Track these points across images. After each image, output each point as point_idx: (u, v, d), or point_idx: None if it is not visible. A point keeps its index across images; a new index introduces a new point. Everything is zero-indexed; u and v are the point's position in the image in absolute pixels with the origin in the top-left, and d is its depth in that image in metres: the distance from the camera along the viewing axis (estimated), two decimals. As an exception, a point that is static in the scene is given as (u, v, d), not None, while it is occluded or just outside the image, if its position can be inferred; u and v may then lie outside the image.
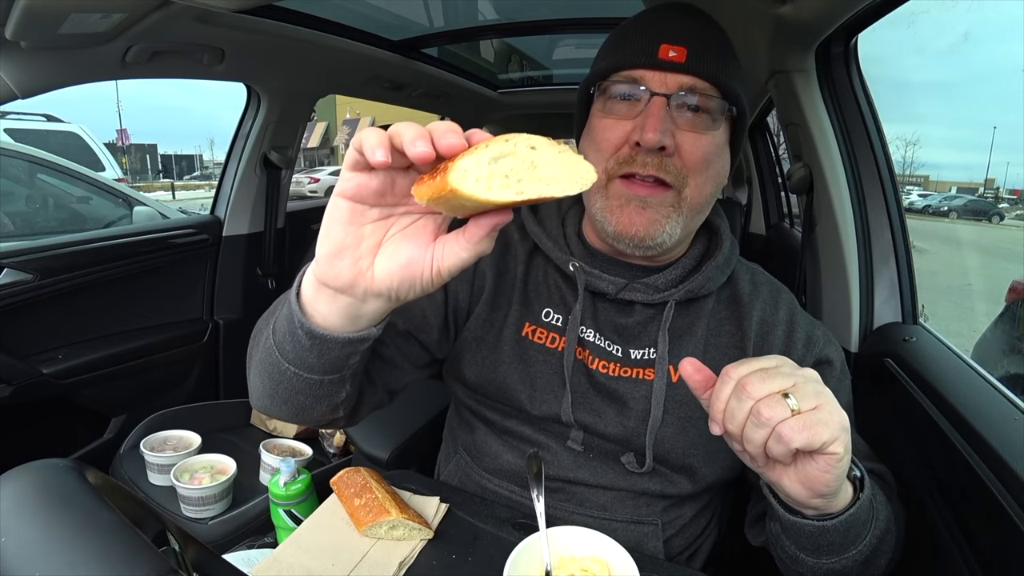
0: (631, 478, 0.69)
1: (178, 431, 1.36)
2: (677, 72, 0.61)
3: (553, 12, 1.77)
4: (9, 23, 0.98)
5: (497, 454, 0.74)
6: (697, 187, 0.63)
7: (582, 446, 0.70)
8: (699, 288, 0.68)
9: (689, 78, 0.61)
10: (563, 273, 0.72)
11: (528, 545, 0.57)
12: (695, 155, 0.62)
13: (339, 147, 28.75)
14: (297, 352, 0.51)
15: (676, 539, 0.72)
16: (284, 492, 0.77)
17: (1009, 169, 17.63)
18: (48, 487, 0.33)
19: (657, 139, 0.59)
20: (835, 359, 0.70)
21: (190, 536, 0.39)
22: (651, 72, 0.61)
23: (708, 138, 0.62)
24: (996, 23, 19.12)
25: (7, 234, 2.94)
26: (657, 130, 0.59)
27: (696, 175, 0.62)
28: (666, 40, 0.61)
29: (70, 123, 4.60)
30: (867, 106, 1.05)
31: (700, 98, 0.61)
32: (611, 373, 0.69)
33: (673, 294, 0.68)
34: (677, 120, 0.62)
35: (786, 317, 0.70)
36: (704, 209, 0.67)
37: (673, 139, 0.61)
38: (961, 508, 0.62)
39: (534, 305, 0.72)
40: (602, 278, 0.69)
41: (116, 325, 1.59)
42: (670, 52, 0.60)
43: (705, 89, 0.61)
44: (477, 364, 0.72)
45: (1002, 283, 1.88)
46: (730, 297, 0.72)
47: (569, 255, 0.71)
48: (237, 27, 1.30)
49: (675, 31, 0.61)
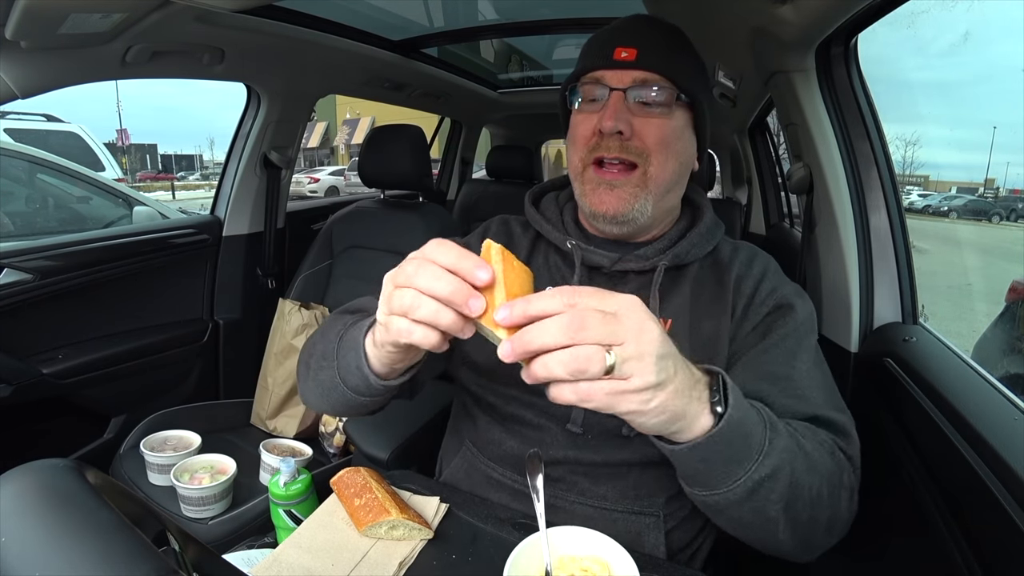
0: (632, 444, 0.70)
1: (178, 431, 1.36)
2: (629, 69, 0.70)
3: (553, 12, 1.77)
4: (9, 23, 0.98)
5: (500, 441, 0.76)
6: (660, 164, 0.71)
7: (581, 428, 0.72)
8: (684, 254, 0.75)
9: (640, 73, 0.70)
10: (562, 253, 0.79)
11: (528, 545, 0.57)
12: (652, 136, 0.70)
13: (339, 147, 28.74)
14: (371, 391, 0.62)
15: (677, 532, 0.73)
16: (284, 492, 0.77)
17: (1009, 169, 17.65)
18: (48, 487, 0.33)
19: (613, 125, 0.69)
20: (798, 307, 0.72)
21: (190, 536, 0.39)
22: (609, 72, 0.71)
23: (664, 121, 0.71)
24: (996, 23, 19.13)
25: (7, 234, 2.94)
26: (613, 118, 0.69)
27: (657, 154, 0.70)
28: (619, 44, 0.71)
29: (70, 123, 4.60)
30: (867, 106, 1.05)
31: (651, 89, 0.70)
32: None
33: (662, 259, 0.74)
34: (635, 110, 0.71)
35: (760, 270, 0.76)
36: (672, 186, 0.74)
37: (631, 125, 0.70)
38: (961, 508, 0.62)
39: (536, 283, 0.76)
40: (597, 253, 0.75)
41: (116, 325, 1.59)
42: (622, 53, 0.70)
43: (656, 81, 0.70)
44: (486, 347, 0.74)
45: (1002, 283, 1.88)
46: (712, 263, 0.78)
47: (567, 235, 0.78)
48: (237, 27, 1.30)
49: (628, 35, 0.72)
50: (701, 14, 1.12)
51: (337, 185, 16.98)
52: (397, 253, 1.62)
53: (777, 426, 0.56)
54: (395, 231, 1.65)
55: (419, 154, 1.61)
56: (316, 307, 1.58)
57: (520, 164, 2.84)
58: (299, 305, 1.54)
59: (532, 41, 2.21)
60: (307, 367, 0.72)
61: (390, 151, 1.62)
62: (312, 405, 0.74)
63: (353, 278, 1.67)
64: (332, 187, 16.63)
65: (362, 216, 1.71)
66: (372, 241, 1.67)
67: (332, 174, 18.00)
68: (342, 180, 17.35)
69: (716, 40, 1.19)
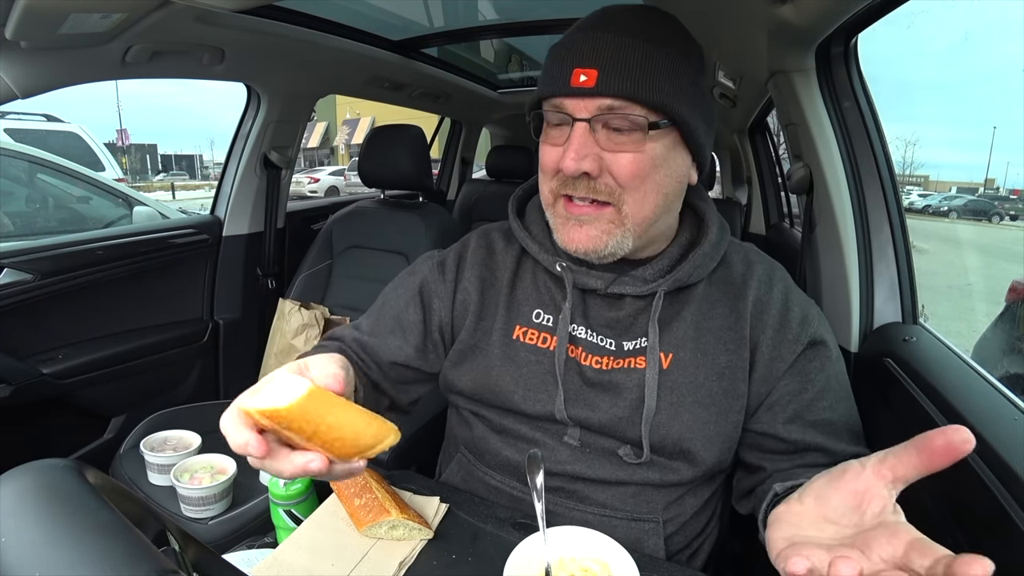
0: (629, 468, 0.69)
1: (178, 431, 1.36)
2: (591, 96, 0.60)
3: (553, 12, 1.77)
4: (9, 23, 0.98)
5: (497, 451, 0.74)
6: (636, 202, 0.63)
7: (579, 442, 0.70)
8: (686, 277, 0.68)
9: (604, 100, 0.60)
10: (551, 274, 0.73)
11: (528, 545, 0.57)
12: (625, 173, 0.61)
13: (339, 147, 28.74)
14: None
15: (676, 537, 0.72)
16: (284, 492, 0.76)
17: (1009, 169, 17.64)
18: (48, 487, 0.33)
19: (575, 167, 0.60)
20: (829, 341, 0.70)
21: (190, 536, 0.39)
22: (569, 100, 0.62)
23: (637, 155, 0.61)
24: (996, 23, 19.10)
25: (7, 234, 2.94)
26: (574, 159, 0.60)
27: (632, 191, 0.62)
28: (577, 64, 0.60)
29: (70, 123, 4.60)
30: (867, 106, 1.05)
31: (618, 118, 0.60)
32: (603, 368, 0.69)
33: (661, 284, 0.68)
34: (603, 142, 0.61)
35: (781, 295, 0.70)
36: (655, 220, 0.66)
37: (599, 162, 0.61)
38: (961, 508, 0.62)
39: (523, 308, 0.74)
40: (590, 275, 0.69)
41: (116, 325, 1.59)
42: (581, 77, 0.60)
43: (623, 107, 0.60)
44: (471, 372, 0.74)
45: (1002, 283, 1.88)
46: (723, 279, 0.72)
47: (556, 256, 0.72)
48: (237, 27, 1.30)
49: (586, 53, 0.60)
50: (700, 14, 1.12)
51: (337, 185, 16.97)
52: (397, 253, 1.62)
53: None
54: (395, 231, 1.65)
55: (419, 154, 1.62)
56: (316, 307, 1.58)
57: (520, 164, 2.84)
58: (299, 305, 1.54)
59: (532, 41, 2.20)
60: None
61: (390, 151, 1.62)
62: None
63: (353, 278, 1.67)
64: (332, 187, 16.63)
65: (362, 216, 1.71)
66: (372, 241, 1.67)
67: (332, 174, 17.98)
68: (342, 180, 17.35)
69: (716, 40, 1.19)
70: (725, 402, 0.67)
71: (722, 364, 0.68)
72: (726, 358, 0.68)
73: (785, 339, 0.68)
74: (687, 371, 0.68)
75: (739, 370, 0.68)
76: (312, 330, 1.51)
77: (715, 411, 0.67)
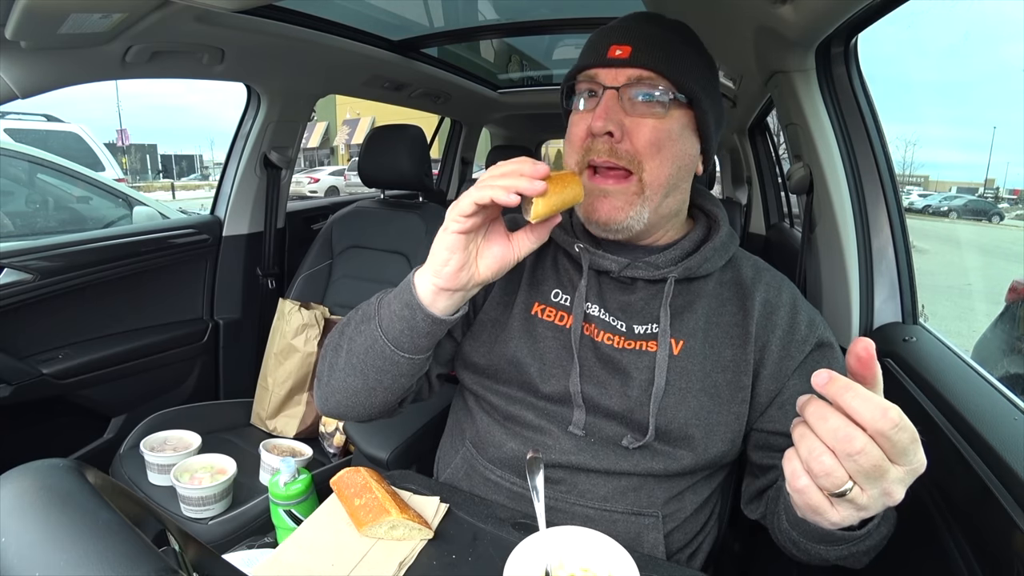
0: (632, 458, 0.70)
1: (178, 431, 1.36)
2: (624, 67, 0.68)
3: (553, 12, 1.77)
4: (9, 23, 0.98)
5: (501, 443, 0.76)
6: (653, 169, 0.68)
7: (583, 430, 0.71)
8: (697, 267, 0.73)
9: (635, 71, 0.68)
10: (570, 256, 0.77)
11: (528, 545, 0.57)
12: (644, 138, 0.68)
13: (339, 147, 28.74)
14: (413, 340, 0.65)
15: (676, 534, 0.73)
16: (284, 492, 0.77)
17: (1009, 169, 17.65)
18: (48, 487, 0.33)
19: (602, 125, 0.67)
20: (834, 344, 0.74)
21: (190, 536, 0.39)
22: (603, 70, 0.69)
23: (657, 123, 0.68)
24: (997, 23, 19.08)
25: (7, 234, 2.94)
26: (602, 118, 0.67)
27: (649, 158, 0.68)
28: (615, 41, 0.69)
29: (70, 123, 4.60)
30: (867, 106, 1.05)
31: (646, 87, 0.68)
32: (616, 345, 0.72)
33: (672, 271, 0.72)
34: (629, 109, 0.68)
35: (789, 300, 0.74)
36: (671, 190, 0.71)
37: (622, 126, 0.68)
38: (961, 508, 0.62)
39: (543, 287, 0.78)
40: (606, 257, 0.74)
41: (116, 325, 1.59)
42: (617, 51, 0.68)
43: (652, 79, 0.67)
44: (490, 344, 0.77)
45: (1002, 283, 1.88)
46: (733, 280, 0.76)
47: (575, 238, 0.77)
48: (237, 27, 1.30)
49: (624, 33, 0.70)
50: (701, 14, 1.12)
51: (337, 185, 16.97)
52: (397, 253, 1.62)
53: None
54: (395, 231, 1.65)
55: (419, 154, 1.62)
56: (316, 307, 1.58)
57: (520, 164, 2.83)
58: (299, 305, 1.54)
59: (532, 41, 2.21)
60: (337, 348, 0.71)
61: (390, 151, 1.62)
62: (333, 402, 0.71)
63: (353, 278, 1.67)
64: (332, 187, 16.63)
65: (362, 216, 1.71)
66: (372, 241, 1.67)
67: (332, 174, 17.97)
68: (342, 180, 17.35)
69: (716, 40, 1.19)
70: (728, 393, 0.70)
71: (727, 358, 0.71)
72: (731, 352, 0.71)
73: (794, 339, 0.71)
74: (696, 360, 0.71)
75: (743, 364, 0.71)
76: (312, 330, 1.51)
77: (719, 401, 0.70)
